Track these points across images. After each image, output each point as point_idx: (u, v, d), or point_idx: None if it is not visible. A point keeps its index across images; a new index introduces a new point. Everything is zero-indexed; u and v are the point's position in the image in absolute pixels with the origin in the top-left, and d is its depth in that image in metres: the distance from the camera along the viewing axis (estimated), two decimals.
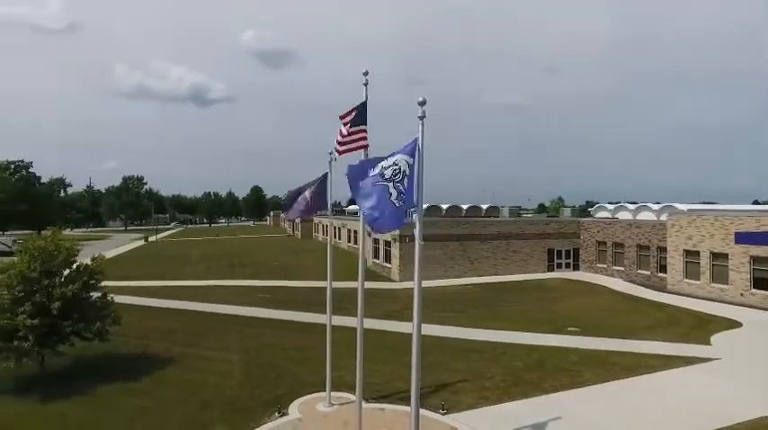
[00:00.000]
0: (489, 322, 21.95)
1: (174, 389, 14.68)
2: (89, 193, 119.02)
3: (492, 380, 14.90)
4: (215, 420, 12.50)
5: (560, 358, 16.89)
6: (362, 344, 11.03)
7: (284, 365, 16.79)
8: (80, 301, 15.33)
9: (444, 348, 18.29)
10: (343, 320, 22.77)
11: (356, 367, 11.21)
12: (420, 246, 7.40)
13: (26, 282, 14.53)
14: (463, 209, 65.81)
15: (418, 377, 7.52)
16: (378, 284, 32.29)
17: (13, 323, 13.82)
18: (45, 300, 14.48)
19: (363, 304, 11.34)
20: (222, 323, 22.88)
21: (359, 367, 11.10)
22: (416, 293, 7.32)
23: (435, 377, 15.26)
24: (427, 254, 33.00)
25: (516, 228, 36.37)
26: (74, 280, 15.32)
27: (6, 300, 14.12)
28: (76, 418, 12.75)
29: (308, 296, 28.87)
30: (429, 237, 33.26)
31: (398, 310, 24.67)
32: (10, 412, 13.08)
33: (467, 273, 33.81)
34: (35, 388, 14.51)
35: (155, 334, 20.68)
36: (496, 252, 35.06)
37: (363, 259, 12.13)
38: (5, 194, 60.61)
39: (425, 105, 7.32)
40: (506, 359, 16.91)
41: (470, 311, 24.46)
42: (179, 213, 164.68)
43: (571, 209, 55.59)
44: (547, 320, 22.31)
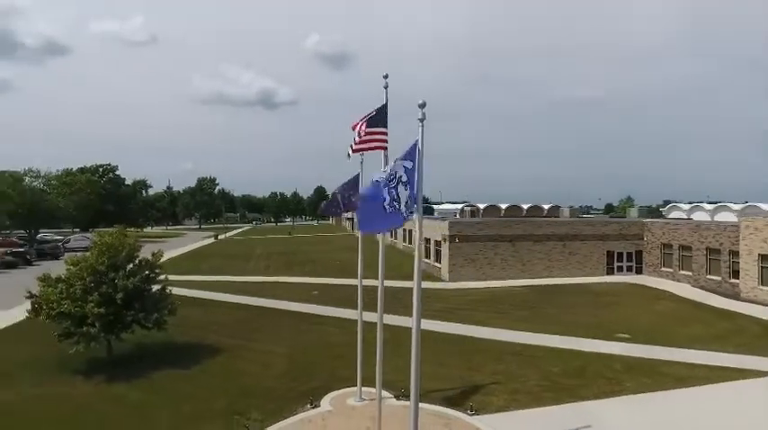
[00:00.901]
0: (533, 325, 21.44)
1: (219, 377, 15.75)
2: (168, 194, 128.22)
3: (526, 384, 14.65)
4: (252, 407, 13.29)
5: (602, 365, 16.24)
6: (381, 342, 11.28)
7: (324, 360, 17.42)
8: (141, 293, 16.82)
9: (482, 350, 18.16)
10: (390, 319, 23.18)
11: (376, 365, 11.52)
12: (419, 245, 7.59)
13: (95, 274, 16.18)
14: (524, 208, 64.16)
15: (417, 374, 7.67)
16: (427, 284, 32.29)
17: (83, 311, 15.46)
18: (111, 291, 16.04)
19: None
20: (274, 318, 24.06)
21: (378, 365, 11.41)
22: (416, 291, 7.51)
23: (468, 378, 15.27)
24: (476, 254, 32.83)
25: (572, 228, 34.98)
26: (135, 273, 16.83)
27: (78, 290, 15.80)
28: (133, 400, 14.07)
29: (355, 293, 29.51)
30: (479, 238, 33.02)
31: (443, 310, 24.71)
32: (79, 391, 14.67)
33: (518, 274, 33.04)
34: (102, 370, 16.14)
35: (211, 326, 22.15)
36: (551, 253, 33.95)
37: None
38: (94, 195, 67.11)
39: (425, 107, 7.50)
40: (544, 363, 16.51)
41: (515, 313, 23.98)
42: (248, 212, 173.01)
43: (638, 209, 52.41)
44: (596, 325, 21.42)
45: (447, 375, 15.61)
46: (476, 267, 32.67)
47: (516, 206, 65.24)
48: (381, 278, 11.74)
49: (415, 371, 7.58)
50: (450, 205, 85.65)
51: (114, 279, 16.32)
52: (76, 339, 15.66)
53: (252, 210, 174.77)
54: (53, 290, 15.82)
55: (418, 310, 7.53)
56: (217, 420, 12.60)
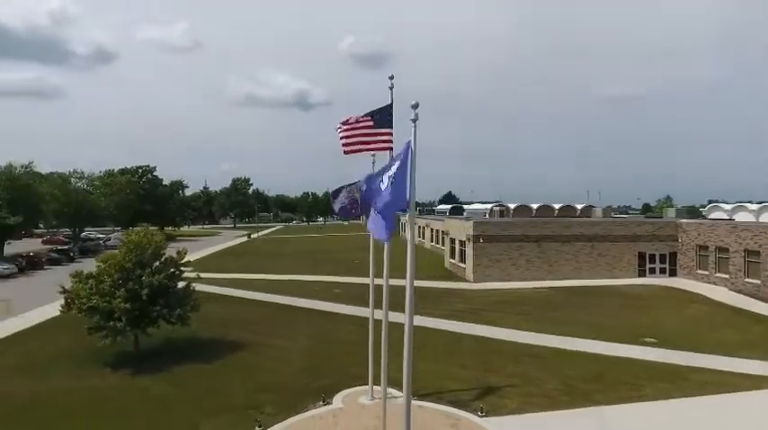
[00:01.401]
0: (556, 327, 21.02)
1: (239, 372, 16.19)
2: (204, 194, 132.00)
3: (542, 387, 14.42)
4: (267, 402, 13.63)
5: (624, 369, 15.80)
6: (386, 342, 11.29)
7: (340, 357, 17.60)
8: (165, 290, 17.47)
9: (501, 351, 17.98)
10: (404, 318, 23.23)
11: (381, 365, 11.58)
12: (412, 244, 7.63)
13: (122, 271, 16.93)
14: (555, 209, 62.87)
15: (410, 371, 7.71)
16: (451, 284, 32.25)
17: (110, 306, 16.20)
18: (137, 288, 16.74)
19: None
20: (295, 315, 24.50)
21: (384, 364, 11.46)
22: (408, 289, 7.57)
23: (484, 379, 15.16)
24: (501, 255, 32.40)
25: (601, 229, 33.99)
26: (160, 271, 17.51)
27: (107, 286, 16.57)
28: (156, 393, 14.64)
29: (378, 293, 29.67)
30: (503, 238, 32.59)
31: (465, 311, 24.57)
32: (106, 383, 15.39)
33: (544, 275, 32.38)
34: (129, 363, 16.85)
35: (235, 322, 22.76)
36: (578, 255, 33.12)
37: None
38: (133, 195, 69.91)
39: (418, 108, 7.54)
40: (564, 366, 16.19)
41: (538, 315, 23.56)
42: (282, 212, 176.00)
43: (676, 209, 50.34)
44: (621, 329, 20.82)
45: (463, 376, 15.55)
46: (500, 268, 32.23)
47: (547, 206, 63.91)
48: (386, 278, 11.81)
49: (407, 368, 7.62)
50: (481, 205, 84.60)
51: (141, 276, 17.01)
52: (105, 333, 16.42)
53: (285, 210, 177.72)
54: (83, 286, 16.64)
55: (410, 308, 7.56)
56: (233, 414, 12.98)
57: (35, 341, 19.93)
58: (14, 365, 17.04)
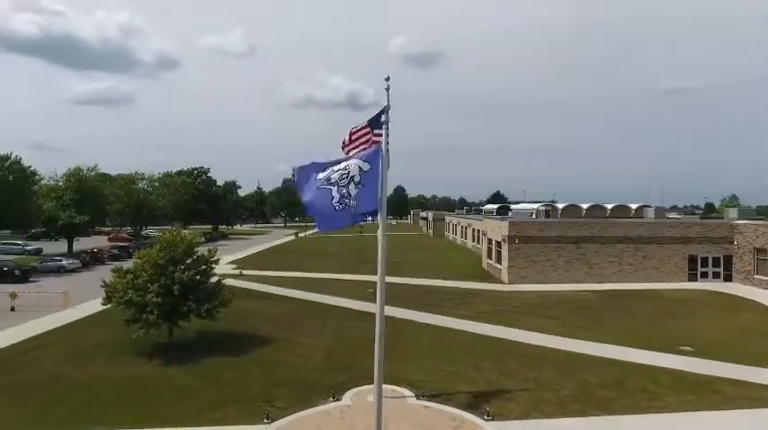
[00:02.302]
0: (586, 332, 20.30)
1: (261, 366, 16.85)
2: (257, 194, 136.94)
3: (556, 393, 14.03)
4: (280, 396, 14.12)
5: (648, 378, 15.04)
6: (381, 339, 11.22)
7: (360, 355, 17.76)
8: (195, 285, 18.45)
9: (521, 354, 17.61)
10: (434, 319, 23.26)
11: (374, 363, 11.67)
12: (383, 247, 7.73)
13: (156, 267, 18.04)
14: (607, 208, 60.31)
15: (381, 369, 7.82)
16: (484, 285, 31.77)
17: (144, 300, 17.34)
18: (169, 283, 17.79)
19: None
20: (325, 312, 25.06)
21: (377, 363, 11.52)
22: (379, 291, 7.67)
23: (497, 382, 14.96)
24: (538, 256, 31.54)
25: (646, 230, 32.25)
26: (190, 267, 18.51)
27: (142, 281, 17.73)
28: (181, 382, 15.53)
29: (412, 293, 29.76)
30: (540, 239, 31.69)
31: (491, 313, 24.20)
32: (139, 371, 16.48)
33: (584, 278, 31.19)
34: (162, 354, 17.95)
35: (266, 318, 23.62)
36: (622, 257, 31.61)
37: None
38: (189, 196, 73.85)
39: (389, 111, 7.63)
40: (584, 372, 15.64)
41: (570, 319, 22.79)
42: None
43: (739, 209, 46.68)
44: (658, 335, 19.77)
45: (476, 378, 15.40)
46: (537, 269, 31.38)
47: (599, 206, 61.34)
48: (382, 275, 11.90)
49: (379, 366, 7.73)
50: (528, 205, 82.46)
51: (173, 272, 18.07)
52: (140, 325, 17.59)
53: None
54: (121, 280, 17.90)
55: (381, 310, 7.66)
56: (246, 405, 13.55)
57: (83, 331, 21.60)
58: (64, 352, 18.57)
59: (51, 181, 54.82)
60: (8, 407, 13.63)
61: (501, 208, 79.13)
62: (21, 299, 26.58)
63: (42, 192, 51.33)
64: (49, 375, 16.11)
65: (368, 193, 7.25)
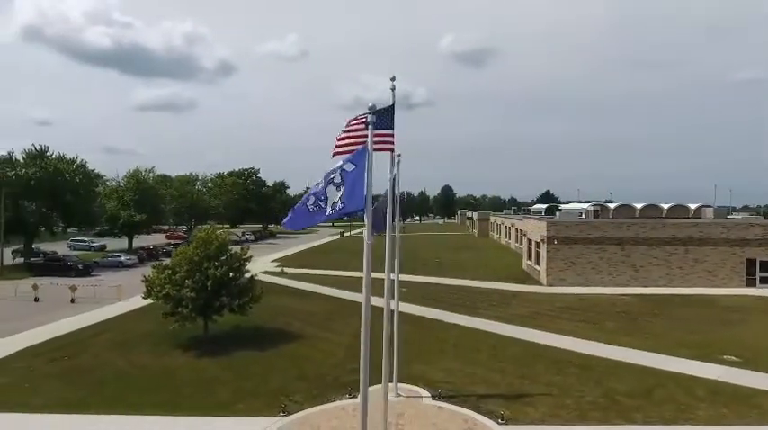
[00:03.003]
0: (624, 338, 19.42)
1: (286, 360, 17.36)
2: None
3: (578, 400, 13.56)
4: (299, 390, 14.53)
5: (681, 388, 14.23)
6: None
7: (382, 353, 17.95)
8: (227, 282, 19.27)
9: (549, 359, 17.12)
10: (465, 320, 23.03)
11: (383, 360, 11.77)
12: (368, 245, 7.83)
13: (191, 264, 18.99)
14: (664, 208, 57.37)
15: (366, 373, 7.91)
16: (522, 287, 31.02)
17: (179, 294, 18.32)
18: (203, 279, 18.70)
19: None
20: (356, 310, 25.24)
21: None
22: (365, 288, 7.77)
23: (519, 386, 14.67)
24: (578, 258, 30.44)
25: (697, 231, 30.26)
26: (223, 264, 19.34)
27: (178, 277, 18.73)
28: (210, 373, 16.29)
29: (447, 293, 29.59)
30: (580, 240, 30.56)
31: (524, 315, 23.65)
32: (174, 362, 17.41)
33: (629, 281, 29.74)
34: (197, 346, 18.86)
35: (299, 315, 24.25)
36: (670, 259, 29.87)
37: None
38: (239, 196, 76.98)
39: (375, 109, 7.72)
40: (612, 379, 15.01)
41: (607, 324, 21.86)
42: None
43: None
44: (702, 344, 18.62)
45: (498, 381, 15.15)
46: (578, 272, 30.27)
47: (654, 206, 58.39)
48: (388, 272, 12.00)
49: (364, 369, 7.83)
50: (578, 204, 79.61)
51: (207, 268, 18.97)
52: (176, 318, 18.59)
53: None
54: (159, 275, 18.99)
55: (367, 309, 7.75)
56: (266, 397, 14.03)
57: (131, 322, 23.05)
58: (110, 341, 19.93)
59: (113, 182, 58.79)
60: (62, 388, 14.85)
61: (549, 208, 76.75)
62: (80, 291, 28.70)
63: (105, 193, 55.12)
64: (97, 361, 17.38)
65: (354, 193, 7.36)
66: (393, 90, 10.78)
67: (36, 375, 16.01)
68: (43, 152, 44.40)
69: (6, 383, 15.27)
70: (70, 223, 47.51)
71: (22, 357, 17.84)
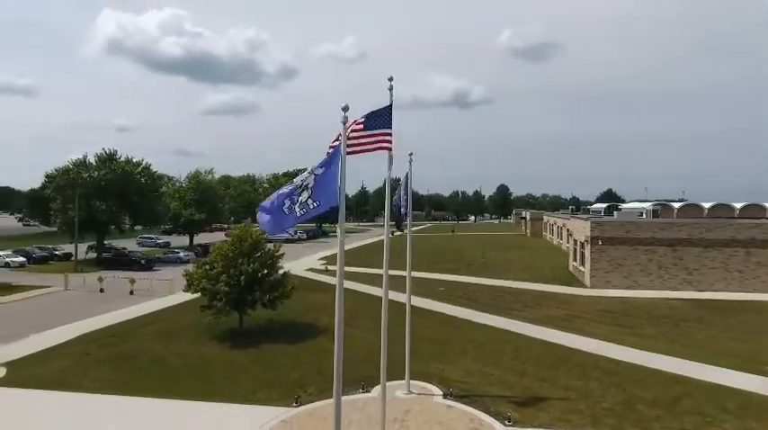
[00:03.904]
0: (661, 344, 18.42)
1: (310, 354, 17.99)
2: (361, 194, 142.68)
3: (594, 405, 13.12)
4: (316, 383, 15.06)
5: (711, 399, 13.35)
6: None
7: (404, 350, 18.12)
8: (259, 278, 20.19)
9: (574, 363, 16.61)
10: (495, 320, 22.72)
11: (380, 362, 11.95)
12: (341, 242, 8.07)
13: (226, 260, 20.09)
14: (736, 208, 53.61)
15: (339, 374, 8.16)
16: (563, 289, 29.97)
17: (214, 288, 19.45)
18: (238, 274, 19.74)
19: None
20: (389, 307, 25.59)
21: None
22: (338, 291, 8.02)
23: (536, 389, 14.42)
24: (624, 259, 29.03)
25: (760, 232, 27.81)
26: (256, 261, 20.29)
27: (214, 272, 19.89)
28: (238, 364, 17.21)
29: (483, 294, 29.22)
30: (627, 241, 29.10)
31: (559, 317, 22.96)
32: (209, 352, 18.52)
33: (681, 285, 27.89)
34: (231, 338, 19.93)
35: (330, 311, 24.49)
36: (729, 263, 27.70)
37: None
38: None
39: (348, 111, 7.96)
40: (638, 387, 14.35)
41: (646, 329, 20.75)
42: (435, 211, 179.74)
43: None
44: (746, 354, 17.31)
45: (515, 383, 14.92)
46: (624, 274, 28.79)
47: (725, 205, 54.58)
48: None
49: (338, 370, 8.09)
50: (640, 204, 75.46)
51: (241, 264, 20.00)
52: (212, 311, 19.77)
53: (437, 209, 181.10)
54: (197, 270, 20.25)
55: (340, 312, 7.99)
56: (284, 388, 14.68)
57: (177, 314, 24.67)
58: (156, 332, 21.46)
59: (176, 183, 62.74)
60: (109, 372, 16.30)
61: (609, 207, 73.28)
62: (138, 284, 31.06)
63: (169, 193, 58.97)
64: (142, 349, 18.83)
65: (327, 193, 7.61)
66: (391, 90, 10.96)
67: (88, 359, 17.63)
68: (112, 155, 48.28)
69: (63, 366, 16.94)
70: (137, 221, 51.26)
71: (80, 343, 19.67)
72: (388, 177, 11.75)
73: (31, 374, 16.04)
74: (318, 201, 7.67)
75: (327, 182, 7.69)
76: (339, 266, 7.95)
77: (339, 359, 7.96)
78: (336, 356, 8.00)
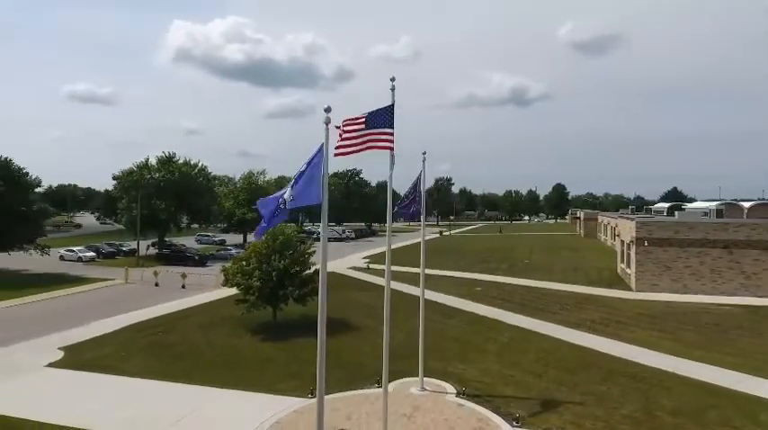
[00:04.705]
0: (701, 352, 17.38)
1: (335, 349, 18.24)
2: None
3: (611, 411, 12.68)
4: (335, 376, 15.33)
5: (741, 411, 12.52)
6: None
7: (428, 350, 18.09)
8: (290, 274, 20.99)
9: (599, 367, 16.07)
10: (526, 321, 22.30)
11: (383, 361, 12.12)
12: (324, 238, 8.37)
13: (260, 256, 21.05)
14: None
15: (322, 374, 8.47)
16: (607, 291, 28.72)
17: (248, 283, 20.45)
18: (270, 270, 20.64)
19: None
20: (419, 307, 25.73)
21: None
22: (321, 284, 8.33)
23: (553, 392, 14.13)
24: (674, 262, 27.45)
25: None
26: (287, 258, 21.10)
27: (248, 268, 20.89)
28: (268, 355, 18.02)
29: (521, 295, 28.63)
30: (677, 242, 27.51)
31: (596, 320, 22.17)
32: (242, 343, 19.48)
33: (737, 290, 25.93)
34: (263, 331, 20.85)
35: (364, 308, 25.34)
36: None
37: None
38: (340, 195, 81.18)
39: (330, 112, 8.25)
40: (663, 394, 13.69)
41: (688, 336, 19.57)
42: (488, 210, 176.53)
43: None
44: None
45: (533, 385, 14.68)
46: (673, 277, 27.16)
47: None
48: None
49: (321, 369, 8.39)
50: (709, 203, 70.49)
51: (274, 260, 20.89)
52: (246, 305, 20.78)
53: (491, 209, 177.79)
54: (233, 266, 21.35)
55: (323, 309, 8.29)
56: (303, 380, 15.19)
57: (218, 307, 26.05)
58: (198, 323, 22.81)
59: (231, 184, 65.80)
60: (151, 359, 17.63)
61: (671, 207, 69.10)
62: (189, 279, 33.03)
63: (224, 193, 61.99)
64: (182, 339, 20.14)
65: (307, 189, 7.95)
66: (392, 90, 11.17)
67: (133, 347, 19.11)
68: (171, 158, 51.48)
69: (110, 352, 18.47)
70: (193, 220, 54.34)
71: (128, 331, 21.32)
72: (390, 176, 11.95)
73: (82, 358, 17.63)
74: (294, 197, 8.05)
75: (308, 179, 8.04)
76: (323, 266, 8.26)
77: (321, 359, 8.32)
78: (319, 356, 8.35)
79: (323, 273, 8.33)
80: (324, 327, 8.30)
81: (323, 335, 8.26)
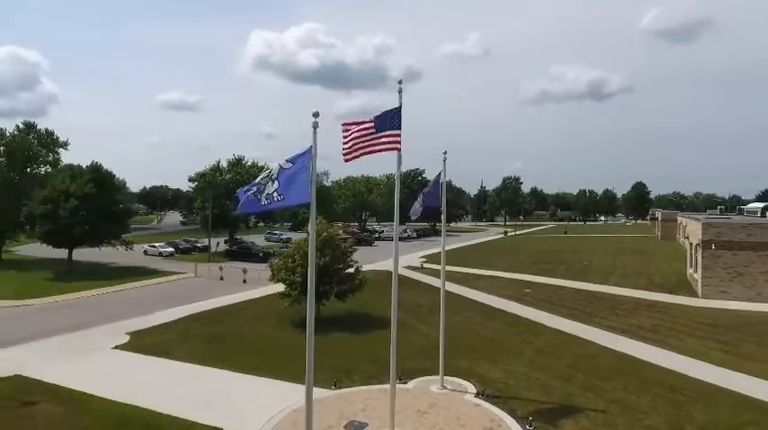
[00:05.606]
0: (752, 364, 16.12)
1: (369, 345, 19.07)
2: (480, 193, 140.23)
3: (634, 422, 12.18)
4: (361, 371, 16.11)
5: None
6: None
7: (461, 350, 18.29)
8: (331, 271, 21.87)
9: (635, 375, 15.37)
10: (569, 325, 21.63)
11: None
12: (312, 237, 8.88)
13: (302, 253, 22.12)
14: None
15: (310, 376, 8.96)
16: (669, 297, 26.86)
17: (291, 279, 21.58)
18: None
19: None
20: (466, 307, 25.67)
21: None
22: (310, 281, 8.83)
23: (578, 397, 13.78)
24: (746, 267, 25.34)
25: None
26: (328, 255, 21.98)
27: (292, 265, 22.03)
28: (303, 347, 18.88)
29: (569, 298, 27.62)
30: (749, 245, 25.51)
31: (646, 327, 21.04)
32: (284, 335, 20.63)
33: None
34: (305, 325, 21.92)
35: (407, 306, 25.46)
36: None
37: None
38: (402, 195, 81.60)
39: (318, 117, 8.75)
40: (697, 407, 12.88)
41: (746, 347, 18.07)
42: (561, 210, 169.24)
43: None
44: None
45: (557, 390, 14.37)
46: (746, 284, 24.83)
47: None
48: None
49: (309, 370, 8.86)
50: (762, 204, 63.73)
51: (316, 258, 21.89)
52: (289, 300, 21.95)
53: (563, 208, 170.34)
54: (278, 262, 22.61)
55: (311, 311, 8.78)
56: (332, 372, 15.88)
57: (270, 301, 27.50)
58: (249, 316, 24.39)
59: None
60: (199, 346, 19.22)
61: (766, 207, 62.73)
62: (250, 274, 35.16)
63: None
64: (231, 329, 21.70)
65: (295, 188, 8.48)
66: (400, 93, 11.47)
67: (187, 335, 20.89)
68: (240, 160, 54.85)
69: (168, 338, 20.31)
70: (260, 219, 57.49)
71: (186, 321, 23.25)
72: (397, 176, 12.30)
73: (144, 343, 19.60)
74: (283, 196, 8.63)
75: (296, 179, 8.60)
76: (311, 266, 8.80)
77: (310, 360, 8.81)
78: (308, 357, 8.86)
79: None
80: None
81: (311, 327, 8.81)
